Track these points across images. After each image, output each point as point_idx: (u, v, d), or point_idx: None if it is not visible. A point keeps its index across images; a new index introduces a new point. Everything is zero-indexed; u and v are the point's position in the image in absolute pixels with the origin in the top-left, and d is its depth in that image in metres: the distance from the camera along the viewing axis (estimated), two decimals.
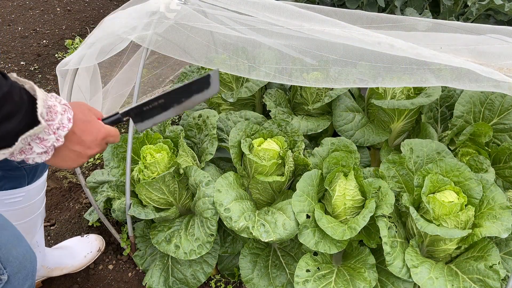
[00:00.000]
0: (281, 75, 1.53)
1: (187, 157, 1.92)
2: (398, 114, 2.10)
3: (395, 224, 1.66)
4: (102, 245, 2.08)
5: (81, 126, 0.97)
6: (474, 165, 1.86)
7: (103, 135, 1.01)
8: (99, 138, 1.00)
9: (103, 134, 1.01)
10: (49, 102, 0.89)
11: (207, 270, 1.84)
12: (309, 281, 1.60)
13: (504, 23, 2.78)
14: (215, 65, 1.66)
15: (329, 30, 1.34)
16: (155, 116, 1.11)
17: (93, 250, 2.03)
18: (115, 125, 1.08)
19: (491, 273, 1.48)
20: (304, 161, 1.84)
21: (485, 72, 1.18)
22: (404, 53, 1.29)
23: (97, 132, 1.00)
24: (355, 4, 2.77)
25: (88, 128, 0.98)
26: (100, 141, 1.01)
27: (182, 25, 1.59)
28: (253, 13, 1.49)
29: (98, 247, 2.05)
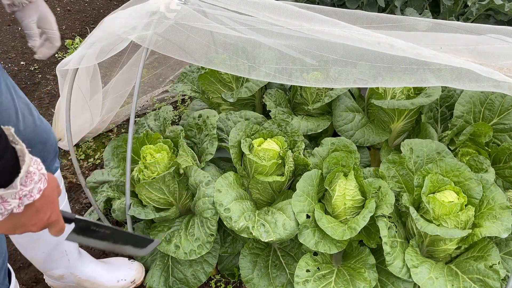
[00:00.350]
0: (281, 75, 1.53)
1: (187, 157, 1.92)
2: (398, 114, 2.10)
3: (395, 224, 1.66)
4: (139, 278, 1.95)
5: (42, 202, 0.93)
6: (474, 165, 1.86)
7: (52, 220, 0.97)
8: (48, 221, 0.96)
9: (53, 220, 0.97)
10: (30, 168, 0.87)
11: (207, 269, 1.84)
12: (309, 281, 1.60)
13: (504, 23, 2.78)
14: (215, 65, 1.66)
15: (329, 30, 1.34)
16: (90, 238, 1.15)
17: (128, 279, 1.91)
18: (64, 221, 1.04)
19: (491, 273, 1.48)
20: (304, 161, 1.84)
21: (485, 72, 1.18)
22: (404, 53, 1.29)
23: (50, 214, 0.96)
24: (355, 4, 2.77)
25: (46, 207, 0.94)
26: (46, 224, 0.96)
27: (182, 25, 1.59)
28: (253, 13, 1.49)
29: (134, 278, 1.92)
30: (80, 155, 2.66)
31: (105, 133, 2.84)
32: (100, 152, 2.69)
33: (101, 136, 2.83)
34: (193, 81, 2.47)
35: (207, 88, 2.31)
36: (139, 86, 1.78)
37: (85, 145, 2.73)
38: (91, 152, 2.70)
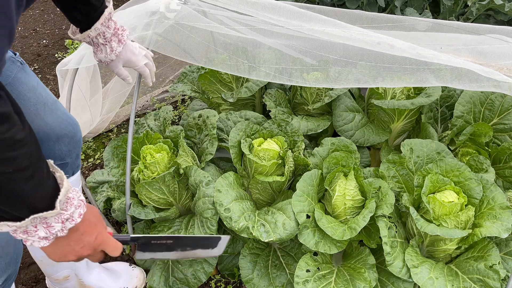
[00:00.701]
0: (281, 75, 1.53)
1: (187, 157, 1.92)
2: (398, 114, 2.10)
3: (395, 224, 1.66)
4: (141, 285, 1.95)
5: (86, 226, 1.00)
6: (474, 165, 1.85)
7: (100, 241, 1.03)
8: (96, 243, 1.03)
9: (100, 240, 1.03)
10: (69, 194, 0.94)
11: (207, 269, 1.84)
12: (309, 281, 1.60)
13: (504, 23, 2.78)
14: (215, 65, 1.66)
15: (329, 30, 1.34)
16: (157, 252, 1.19)
17: (130, 286, 1.92)
18: (121, 243, 1.11)
19: (491, 273, 1.48)
20: (304, 161, 1.84)
21: (485, 72, 1.18)
22: (404, 53, 1.29)
23: (96, 236, 1.03)
24: (355, 4, 2.76)
25: (91, 230, 1.01)
26: (96, 246, 1.03)
27: (182, 25, 1.59)
28: (253, 13, 1.50)
29: (136, 286, 1.93)
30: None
31: (105, 133, 2.84)
32: (100, 152, 2.69)
33: (101, 136, 2.83)
34: (193, 81, 2.47)
35: (207, 88, 2.31)
36: (139, 86, 1.78)
37: (85, 145, 2.73)
38: (91, 152, 2.70)
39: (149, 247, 1.18)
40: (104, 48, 1.51)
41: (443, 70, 1.29)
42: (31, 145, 0.86)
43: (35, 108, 1.38)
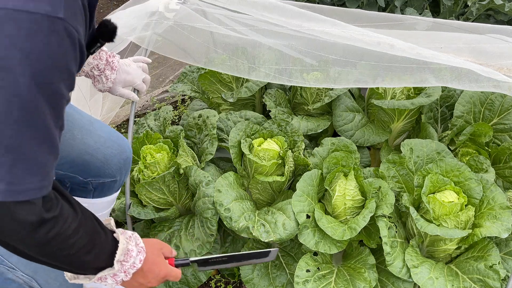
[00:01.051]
0: (281, 75, 1.53)
1: (187, 157, 1.92)
2: (398, 114, 2.10)
3: (395, 224, 1.66)
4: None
5: (148, 266, 1.16)
6: (474, 165, 1.85)
7: (163, 275, 1.20)
8: (160, 277, 1.19)
9: (164, 274, 1.20)
10: (128, 246, 1.10)
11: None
12: (309, 281, 1.60)
13: (504, 23, 2.78)
14: (215, 65, 1.66)
15: (329, 30, 1.34)
16: (217, 265, 1.40)
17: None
18: (180, 267, 1.31)
19: (491, 273, 1.48)
20: (304, 161, 1.84)
21: (485, 72, 1.18)
22: (404, 53, 1.29)
23: (159, 271, 1.19)
24: (355, 4, 2.76)
25: (153, 268, 1.17)
26: (161, 279, 1.20)
27: (181, 25, 1.59)
28: (253, 13, 1.49)
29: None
30: None
31: None
32: None
33: None
34: (193, 81, 2.46)
35: (207, 88, 2.31)
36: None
37: None
38: None
39: (207, 264, 1.38)
40: (100, 78, 1.55)
41: (443, 70, 1.29)
42: (86, 225, 1.00)
43: (71, 134, 1.42)
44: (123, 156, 1.55)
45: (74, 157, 1.43)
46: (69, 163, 1.43)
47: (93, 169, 1.48)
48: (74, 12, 0.79)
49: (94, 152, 1.46)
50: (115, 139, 1.54)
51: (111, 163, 1.50)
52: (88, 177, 1.51)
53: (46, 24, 0.73)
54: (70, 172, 1.47)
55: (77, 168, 1.47)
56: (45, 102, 0.77)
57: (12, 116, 0.75)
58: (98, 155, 1.47)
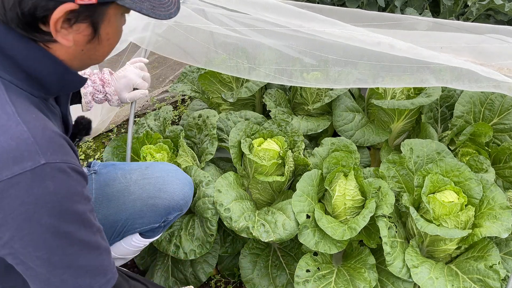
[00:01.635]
0: (281, 75, 1.53)
1: (187, 157, 1.92)
2: (398, 114, 2.10)
3: (395, 224, 1.66)
4: None
5: None
6: (474, 165, 1.85)
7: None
8: None
9: None
10: None
11: (207, 270, 1.84)
12: (309, 281, 1.60)
13: (504, 23, 2.78)
14: (215, 66, 1.66)
15: (330, 30, 1.34)
16: None
17: None
18: None
19: (491, 273, 1.48)
20: (304, 161, 1.84)
21: (485, 72, 1.18)
22: (404, 53, 1.28)
23: None
24: (355, 3, 2.76)
25: None
26: None
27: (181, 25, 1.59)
28: (253, 13, 1.49)
29: None
30: (80, 155, 2.66)
31: (105, 133, 2.84)
32: (100, 152, 2.69)
33: (101, 136, 2.83)
34: (193, 81, 2.46)
35: (207, 88, 2.31)
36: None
37: (85, 145, 2.73)
38: (91, 152, 2.70)
39: None
40: (107, 97, 1.60)
41: (443, 70, 1.29)
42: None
43: (121, 194, 1.48)
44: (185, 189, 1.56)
45: (140, 207, 1.49)
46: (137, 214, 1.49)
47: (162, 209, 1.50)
48: (59, 145, 0.89)
49: (157, 194, 1.49)
50: (171, 189, 1.54)
51: (176, 198, 1.51)
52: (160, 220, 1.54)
53: (42, 172, 0.85)
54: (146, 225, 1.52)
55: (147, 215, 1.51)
56: (71, 224, 0.90)
57: (55, 247, 0.90)
58: (162, 194, 1.49)
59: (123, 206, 1.46)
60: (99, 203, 1.47)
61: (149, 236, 1.58)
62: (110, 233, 1.49)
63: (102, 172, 1.52)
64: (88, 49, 0.98)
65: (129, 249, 1.58)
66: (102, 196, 1.47)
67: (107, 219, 1.46)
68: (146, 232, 1.55)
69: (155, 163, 1.60)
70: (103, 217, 1.46)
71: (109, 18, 0.95)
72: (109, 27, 0.97)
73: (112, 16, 0.96)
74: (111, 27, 0.98)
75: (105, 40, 0.99)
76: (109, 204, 1.47)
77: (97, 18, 0.93)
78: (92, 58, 1.02)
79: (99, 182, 1.49)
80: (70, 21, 0.89)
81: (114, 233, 1.50)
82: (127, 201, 1.46)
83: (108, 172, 1.52)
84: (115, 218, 1.47)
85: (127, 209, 1.46)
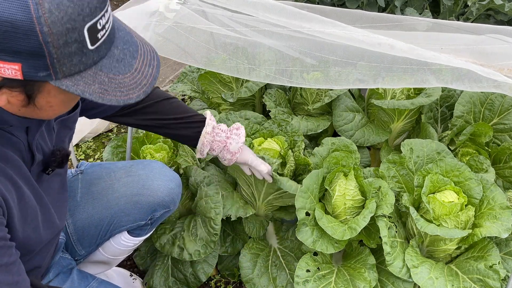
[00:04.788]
0: (282, 76, 1.53)
1: (187, 157, 1.92)
2: (398, 114, 2.10)
3: (395, 224, 1.66)
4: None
5: None
6: (474, 165, 1.86)
7: None
8: None
9: None
10: None
11: (207, 270, 1.84)
12: (309, 281, 1.60)
13: (504, 23, 2.78)
14: (215, 66, 1.66)
15: (330, 31, 1.34)
16: None
17: None
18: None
19: (491, 273, 1.48)
20: (305, 160, 1.84)
21: (485, 73, 1.18)
22: (404, 54, 1.28)
23: None
24: (355, 4, 2.76)
25: None
26: None
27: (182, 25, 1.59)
28: (253, 13, 1.49)
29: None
30: (80, 155, 2.66)
31: (105, 133, 2.84)
32: (100, 152, 2.69)
33: (101, 136, 2.82)
34: (193, 81, 2.46)
35: (207, 88, 2.31)
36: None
37: (85, 145, 2.73)
38: (91, 152, 2.70)
39: None
40: (231, 136, 1.56)
41: (443, 70, 1.29)
42: None
43: (106, 192, 1.48)
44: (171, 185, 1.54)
45: (124, 204, 1.48)
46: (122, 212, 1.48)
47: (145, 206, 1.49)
48: None
49: (141, 191, 1.47)
50: (152, 186, 1.52)
51: (160, 194, 1.49)
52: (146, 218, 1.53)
53: None
54: (132, 223, 1.51)
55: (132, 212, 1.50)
56: None
57: None
58: (145, 191, 1.48)
59: (108, 204, 1.46)
60: (84, 202, 1.47)
61: (138, 234, 1.57)
62: (97, 232, 1.49)
63: (88, 171, 1.52)
64: (27, 111, 0.91)
65: (120, 248, 1.58)
66: (88, 195, 1.47)
67: (93, 217, 1.47)
68: (134, 230, 1.55)
69: (141, 160, 1.58)
70: (89, 216, 1.47)
71: (48, 90, 0.86)
72: (50, 97, 0.88)
73: (53, 89, 0.86)
74: (53, 98, 0.88)
75: (46, 107, 0.90)
76: (94, 202, 1.47)
77: (31, 89, 0.84)
78: (35, 116, 0.94)
79: (85, 181, 1.50)
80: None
81: (102, 232, 1.49)
82: (111, 199, 1.46)
83: (94, 171, 1.52)
84: (100, 216, 1.47)
85: (111, 207, 1.46)
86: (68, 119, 1.22)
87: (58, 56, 0.79)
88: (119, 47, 0.89)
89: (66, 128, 1.24)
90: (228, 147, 1.56)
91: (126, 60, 0.89)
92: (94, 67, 0.84)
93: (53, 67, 0.80)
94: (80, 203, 1.47)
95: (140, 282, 1.91)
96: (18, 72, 0.78)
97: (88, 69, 0.84)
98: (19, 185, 1.03)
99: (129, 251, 1.65)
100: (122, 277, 1.92)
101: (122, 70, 0.88)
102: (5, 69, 0.78)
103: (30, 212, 1.07)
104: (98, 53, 0.84)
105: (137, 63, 0.90)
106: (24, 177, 1.05)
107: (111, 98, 0.86)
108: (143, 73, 0.91)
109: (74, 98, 0.94)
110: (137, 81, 0.89)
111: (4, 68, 0.78)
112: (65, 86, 0.82)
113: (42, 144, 1.13)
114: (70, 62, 0.81)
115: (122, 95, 0.87)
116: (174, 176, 1.55)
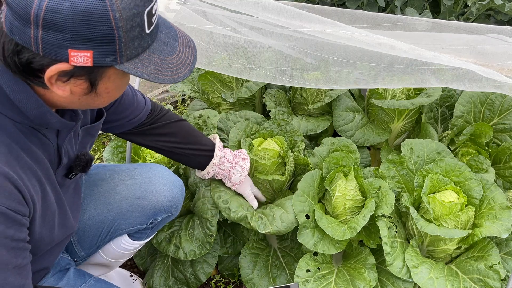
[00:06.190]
0: (282, 76, 1.53)
1: None
2: (398, 114, 2.10)
3: (395, 224, 1.66)
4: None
5: None
6: (474, 165, 1.86)
7: None
8: None
9: None
10: None
11: (207, 270, 1.84)
12: (309, 281, 1.60)
13: (504, 23, 2.78)
14: (216, 66, 1.66)
15: (330, 31, 1.34)
16: None
17: None
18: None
19: (491, 273, 1.48)
20: (305, 160, 1.84)
21: (485, 73, 1.18)
22: (404, 54, 1.28)
23: None
24: (355, 4, 2.76)
25: None
26: None
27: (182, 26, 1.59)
28: (253, 13, 1.49)
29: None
30: None
31: (105, 133, 2.84)
32: (100, 152, 2.69)
33: (101, 136, 2.82)
34: (193, 81, 2.46)
35: (207, 88, 2.31)
36: (138, 86, 1.78)
37: None
38: (90, 152, 2.70)
39: None
40: (235, 167, 1.68)
41: (443, 70, 1.29)
42: None
43: (108, 194, 1.49)
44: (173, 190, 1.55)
45: (125, 207, 1.48)
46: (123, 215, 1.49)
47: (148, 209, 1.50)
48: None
49: (143, 195, 1.48)
50: (152, 188, 1.52)
51: (163, 199, 1.50)
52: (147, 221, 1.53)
53: None
54: (132, 226, 1.51)
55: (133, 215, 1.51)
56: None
57: None
58: (148, 195, 1.49)
59: (109, 206, 1.47)
60: (86, 203, 1.47)
61: (138, 238, 1.57)
62: (97, 234, 1.49)
63: (92, 172, 1.52)
64: (85, 99, 0.96)
65: (120, 251, 1.58)
66: (90, 196, 1.47)
67: (94, 219, 1.47)
68: (135, 234, 1.55)
69: (145, 164, 1.59)
70: (90, 217, 1.47)
71: (108, 76, 0.93)
72: (109, 83, 0.94)
73: (113, 75, 0.93)
74: (112, 83, 0.95)
75: (104, 94, 0.97)
76: (96, 204, 1.47)
77: (95, 76, 0.90)
78: (90, 105, 1.00)
79: (89, 182, 1.50)
80: (65, 77, 0.87)
81: (102, 234, 1.50)
82: (113, 201, 1.46)
83: (97, 172, 1.52)
84: (101, 218, 1.47)
85: (113, 209, 1.46)
86: (93, 127, 1.26)
87: (126, 40, 0.84)
88: (163, 31, 0.96)
89: (90, 135, 1.27)
90: (230, 177, 1.68)
91: (170, 43, 0.97)
92: (148, 50, 0.91)
93: (120, 52, 0.85)
94: (82, 204, 1.47)
95: (140, 282, 1.91)
96: (89, 59, 0.83)
97: (143, 52, 0.91)
98: (44, 186, 1.05)
99: (129, 255, 1.65)
100: (122, 277, 1.92)
101: (169, 52, 0.95)
102: (78, 57, 0.82)
103: (49, 214, 1.09)
104: (151, 37, 0.91)
105: (179, 45, 0.98)
106: (49, 180, 1.08)
107: (164, 77, 0.93)
108: (185, 53, 0.99)
109: (125, 85, 1.01)
110: (183, 61, 0.97)
111: (77, 56, 0.82)
112: (127, 69, 0.88)
113: (69, 149, 1.16)
114: (133, 46, 0.87)
115: (172, 74, 0.94)
116: (177, 181, 1.56)
